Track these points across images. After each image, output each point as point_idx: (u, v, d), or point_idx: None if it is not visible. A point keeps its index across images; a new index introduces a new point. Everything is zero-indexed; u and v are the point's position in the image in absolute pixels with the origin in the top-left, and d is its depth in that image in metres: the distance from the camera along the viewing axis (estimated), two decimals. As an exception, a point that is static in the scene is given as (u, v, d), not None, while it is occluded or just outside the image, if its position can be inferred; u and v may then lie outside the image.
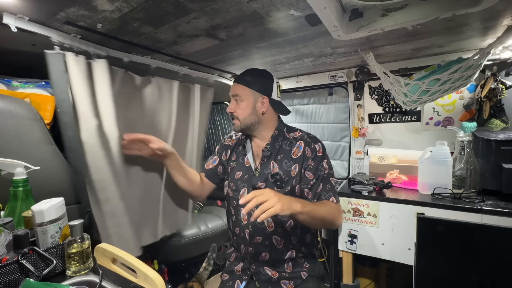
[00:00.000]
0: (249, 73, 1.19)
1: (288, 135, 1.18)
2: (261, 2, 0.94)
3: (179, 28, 1.14)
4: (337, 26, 1.04)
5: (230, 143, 1.30)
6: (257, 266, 1.12)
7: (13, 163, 0.96)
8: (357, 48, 1.48)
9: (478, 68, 1.31)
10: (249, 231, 1.12)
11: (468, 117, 1.60)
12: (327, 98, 2.24)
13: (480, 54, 1.27)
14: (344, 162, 2.20)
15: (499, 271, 0.97)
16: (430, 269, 1.07)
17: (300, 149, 1.12)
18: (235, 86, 1.17)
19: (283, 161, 1.12)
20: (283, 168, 1.12)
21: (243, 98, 1.14)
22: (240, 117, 1.15)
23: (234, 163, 1.22)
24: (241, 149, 1.24)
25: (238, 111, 1.15)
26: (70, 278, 0.77)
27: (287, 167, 1.12)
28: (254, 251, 1.12)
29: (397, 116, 1.87)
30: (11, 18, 0.99)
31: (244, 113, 1.14)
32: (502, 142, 1.13)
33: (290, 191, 1.10)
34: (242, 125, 1.16)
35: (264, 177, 1.13)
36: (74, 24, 1.08)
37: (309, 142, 1.14)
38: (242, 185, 1.16)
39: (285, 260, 1.13)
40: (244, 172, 1.18)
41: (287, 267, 1.13)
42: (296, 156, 1.12)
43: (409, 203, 1.19)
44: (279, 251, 1.11)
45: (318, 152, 1.13)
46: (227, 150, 1.29)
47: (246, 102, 1.15)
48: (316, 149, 1.13)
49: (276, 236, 1.10)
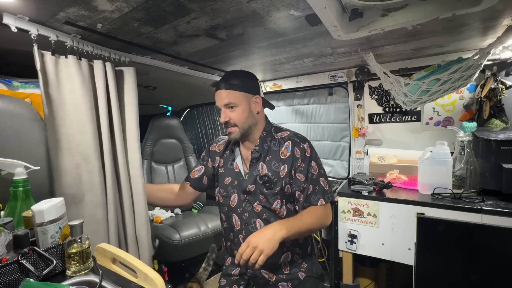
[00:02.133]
0: (233, 76, 1.13)
1: (276, 135, 1.16)
2: (261, 2, 0.94)
3: (179, 28, 1.14)
4: (337, 26, 1.04)
5: (216, 149, 1.27)
6: (253, 270, 1.12)
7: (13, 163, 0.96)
8: (357, 48, 1.48)
9: (478, 68, 1.31)
10: (243, 236, 1.12)
11: (468, 117, 1.60)
12: (327, 98, 2.23)
13: (480, 54, 1.27)
14: (344, 162, 2.20)
15: (499, 271, 0.97)
16: (430, 269, 1.07)
17: (289, 149, 1.11)
18: (224, 93, 1.09)
19: (271, 162, 1.11)
20: (271, 169, 1.10)
21: (237, 104, 1.09)
22: (238, 123, 1.10)
23: (223, 169, 1.21)
24: (228, 154, 1.22)
25: (235, 118, 1.10)
26: (70, 278, 0.76)
27: (275, 168, 1.11)
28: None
29: (397, 116, 1.87)
30: (11, 18, 0.99)
31: (242, 117, 1.10)
32: (502, 142, 1.13)
33: (280, 191, 1.09)
34: (241, 131, 1.11)
35: (253, 179, 1.12)
36: (74, 24, 1.08)
37: (297, 142, 1.13)
38: (232, 191, 1.15)
39: (281, 264, 1.12)
40: (234, 177, 1.16)
41: (285, 269, 1.12)
42: (285, 157, 1.11)
43: (409, 203, 1.19)
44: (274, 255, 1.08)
45: (307, 153, 1.11)
46: (214, 157, 1.26)
47: (241, 106, 1.10)
48: (304, 149, 1.11)
49: None
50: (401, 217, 1.20)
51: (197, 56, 1.57)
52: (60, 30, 1.13)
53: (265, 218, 1.10)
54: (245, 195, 1.13)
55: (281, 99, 2.47)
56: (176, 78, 1.92)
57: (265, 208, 1.10)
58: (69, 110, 1.13)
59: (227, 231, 1.19)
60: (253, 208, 1.11)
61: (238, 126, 1.11)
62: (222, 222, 1.22)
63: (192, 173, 1.31)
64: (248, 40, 1.31)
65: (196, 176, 1.28)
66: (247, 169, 1.15)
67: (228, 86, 1.09)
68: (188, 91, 2.50)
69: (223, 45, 1.37)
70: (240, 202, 1.13)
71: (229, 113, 1.10)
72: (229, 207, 1.16)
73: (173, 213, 2.31)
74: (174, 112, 3.19)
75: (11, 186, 0.94)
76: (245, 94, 1.11)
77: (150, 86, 2.23)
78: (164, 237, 1.87)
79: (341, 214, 1.34)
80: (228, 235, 1.18)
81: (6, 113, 1.07)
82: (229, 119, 1.10)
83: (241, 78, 1.13)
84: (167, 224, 2.05)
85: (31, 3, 0.92)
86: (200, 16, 1.03)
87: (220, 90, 1.10)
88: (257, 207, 1.11)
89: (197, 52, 1.48)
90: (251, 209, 1.11)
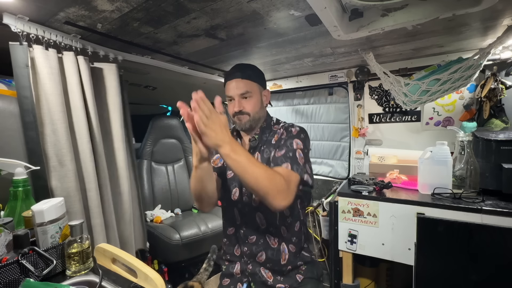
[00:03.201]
0: (248, 68, 1.12)
1: (273, 128, 1.16)
2: (261, 2, 0.94)
3: (179, 28, 1.14)
4: (337, 26, 1.04)
5: None
6: (253, 267, 1.12)
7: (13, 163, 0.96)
8: (357, 48, 1.48)
9: (478, 68, 1.31)
10: (243, 231, 1.12)
11: (468, 117, 1.60)
12: (327, 98, 2.23)
13: (480, 54, 1.27)
14: (344, 162, 2.20)
15: (499, 271, 0.97)
16: (430, 269, 1.07)
17: (279, 134, 1.12)
18: (242, 83, 1.07)
19: (264, 151, 1.12)
20: (264, 157, 1.10)
21: (252, 94, 1.07)
22: (252, 112, 1.08)
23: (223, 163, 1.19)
24: None
25: (249, 108, 1.08)
26: (70, 278, 0.76)
27: (266, 154, 1.10)
28: (249, 252, 1.12)
29: (397, 116, 1.87)
30: (11, 18, 0.99)
31: (256, 108, 1.09)
32: (502, 142, 1.13)
33: None
34: (251, 121, 1.09)
35: None
36: (74, 24, 1.08)
37: (287, 127, 1.12)
38: (234, 185, 1.14)
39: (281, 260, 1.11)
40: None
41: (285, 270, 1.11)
42: (275, 142, 1.10)
43: (409, 203, 1.19)
44: (275, 250, 1.10)
45: (293, 132, 1.09)
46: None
47: (255, 97, 1.08)
48: (291, 131, 1.09)
49: (269, 234, 1.10)
50: (401, 217, 1.20)
51: (197, 56, 1.57)
52: (60, 30, 1.13)
53: (264, 210, 1.08)
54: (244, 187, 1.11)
55: (281, 99, 2.48)
56: (176, 78, 1.92)
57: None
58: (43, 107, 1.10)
59: (228, 225, 1.18)
60: (252, 201, 1.10)
61: (250, 115, 1.09)
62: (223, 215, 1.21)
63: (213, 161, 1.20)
64: (248, 40, 1.31)
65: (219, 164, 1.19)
66: None
67: (245, 76, 1.08)
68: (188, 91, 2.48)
69: (223, 45, 1.37)
70: (240, 196, 1.13)
71: (243, 102, 1.08)
72: (230, 200, 1.14)
73: (173, 213, 2.32)
74: (174, 112, 3.19)
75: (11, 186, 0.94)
76: (259, 86, 1.11)
77: (150, 86, 2.23)
78: (164, 237, 1.88)
79: (341, 214, 1.34)
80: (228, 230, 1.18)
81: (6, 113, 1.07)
82: (243, 108, 1.07)
83: (255, 70, 1.13)
84: (167, 224, 2.05)
85: (31, 3, 0.92)
86: (200, 16, 1.03)
87: (236, 79, 1.08)
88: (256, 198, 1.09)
89: (197, 52, 1.48)
90: (250, 202, 1.10)
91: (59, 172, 1.14)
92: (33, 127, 1.06)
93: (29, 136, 1.06)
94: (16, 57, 1.03)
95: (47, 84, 1.09)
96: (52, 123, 1.11)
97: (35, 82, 1.09)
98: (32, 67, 1.07)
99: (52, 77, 1.10)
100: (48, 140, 1.11)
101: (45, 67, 1.08)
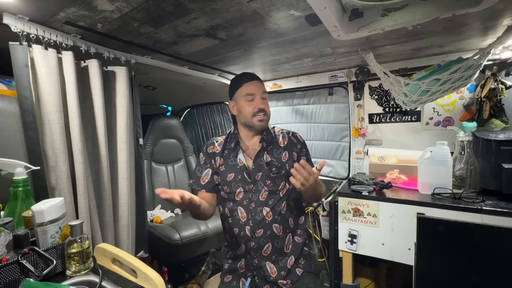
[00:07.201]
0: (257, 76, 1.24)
1: (270, 130, 1.28)
2: (261, 2, 0.94)
3: (179, 28, 1.14)
4: (337, 26, 1.04)
5: (215, 150, 1.26)
6: (259, 261, 1.14)
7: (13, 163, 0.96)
8: (357, 48, 1.48)
9: (478, 68, 1.31)
10: (250, 227, 1.14)
11: (468, 117, 1.60)
12: (327, 98, 2.23)
13: (480, 54, 1.27)
14: (344, 162, 2.20)
15: (499, 271, 0.97)
16: (430, 269, 1.07)
17: (285, 139, 1.26)
18: (261, 85, 1.20)
19: (273, 150, 1.22)
20: (274, 156, 1.21)
21: (267, 98, 1.21)
22: (268, 113, 1.20)
23: (223, 167, 1.22)
24: (227, 153, 1.23)
25: (267, 109, 1.20)
26: (70, 278, 0.77)
27: (277, 154, 1.22)
28: (257, 245, 1.14)
29: (397, 116, 1.87)
30: (11, 18, 0.99)
31: (269, 110, 1.22)
32: (502, 142, 1.13)
33: (285, 174, 1.18)
34: (267, 121, 1.21)
35: (259, 168, 1.18)
36: (74, 24, 1.08)
37: (289, 132, 1.30)
38: (237, 186, 1.17)
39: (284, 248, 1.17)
40: (237, 173, 1.19)
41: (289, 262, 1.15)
42: (284, 145, 1.24)
43: (409, 203, 1.19)
44: (280, 238, 1.16)
45: (301, 139, 1.29)
46: (214, 157, 1.25)
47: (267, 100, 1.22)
48: (298, 137, 1.29)
49: (275, 224, 1.15)
50: (401, 217, 1.20)
51: (197, 56, 1.57)
52: (60, 30, 1.13)
53: (271, 204, 1.15)
54: (252, 185, 1.16)
55: (281, 99, 2.48)
56: (176, 78, 1.92)
57: (271, 193, 1.16)
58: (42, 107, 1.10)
59: (232, 226, 1.19)
60: (259, 197, 1.15)
61: (268, 116, 1.20)
62: (226, 218, 1.22)
63: (202, 179, 1.24)
64: (248, 40, 1.31)
65: (208, 180, 1.24)
66: (251, 161, 1.19)
67: (261, 81, 1.22)
68: (188, 91, 2.50)
69: (223, 45, 1.37)
70: (246, 194, 1.17)
71: (265, 103, 1.19)
72: (234, 201, 1.18)
73: (173, 213, 2.31)
74: (174, 112, 3.19)
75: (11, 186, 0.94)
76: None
77: (150, 86, 2.23)
78: (164, 237, 1.87)
79: (341, 214, 1.35)
80: (233, 231, 1.18)
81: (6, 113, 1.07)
82: (265, 107, 1.18)
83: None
84: (167, 224, 2.05)
85: (31, 3, 0.92)
86: (200, 16, 1.03)
87: (257, 81, 1.20)
88: (263, 195, 1.15)
89: (197, 52, 1.48)
90: (257, 199, 1.15)
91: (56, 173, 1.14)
92: (33, 127, 1.06)
93: (29, 136, 1.06)
94: (16, 57, 1.03)
95: (45, 84, 1.09)
96: (49, 123, 1.11)
97: (35, 82, 1.09)
98: (31, 67, 1.07)
99: (49, 76, 1.10)
100: (47, 140, 1.11)
101: (43, 67, 1.08)
